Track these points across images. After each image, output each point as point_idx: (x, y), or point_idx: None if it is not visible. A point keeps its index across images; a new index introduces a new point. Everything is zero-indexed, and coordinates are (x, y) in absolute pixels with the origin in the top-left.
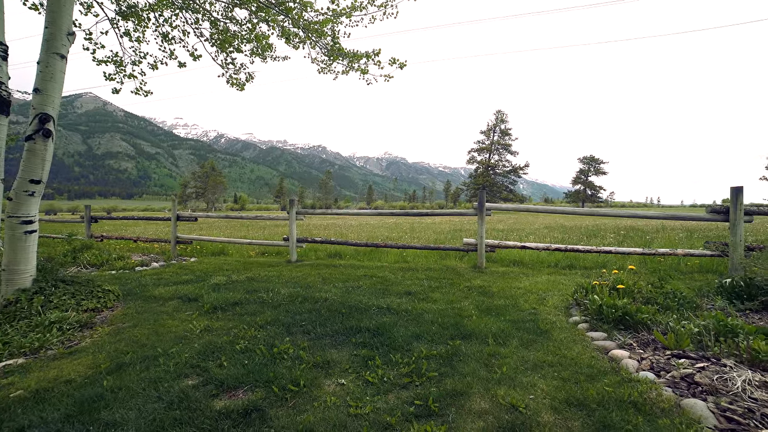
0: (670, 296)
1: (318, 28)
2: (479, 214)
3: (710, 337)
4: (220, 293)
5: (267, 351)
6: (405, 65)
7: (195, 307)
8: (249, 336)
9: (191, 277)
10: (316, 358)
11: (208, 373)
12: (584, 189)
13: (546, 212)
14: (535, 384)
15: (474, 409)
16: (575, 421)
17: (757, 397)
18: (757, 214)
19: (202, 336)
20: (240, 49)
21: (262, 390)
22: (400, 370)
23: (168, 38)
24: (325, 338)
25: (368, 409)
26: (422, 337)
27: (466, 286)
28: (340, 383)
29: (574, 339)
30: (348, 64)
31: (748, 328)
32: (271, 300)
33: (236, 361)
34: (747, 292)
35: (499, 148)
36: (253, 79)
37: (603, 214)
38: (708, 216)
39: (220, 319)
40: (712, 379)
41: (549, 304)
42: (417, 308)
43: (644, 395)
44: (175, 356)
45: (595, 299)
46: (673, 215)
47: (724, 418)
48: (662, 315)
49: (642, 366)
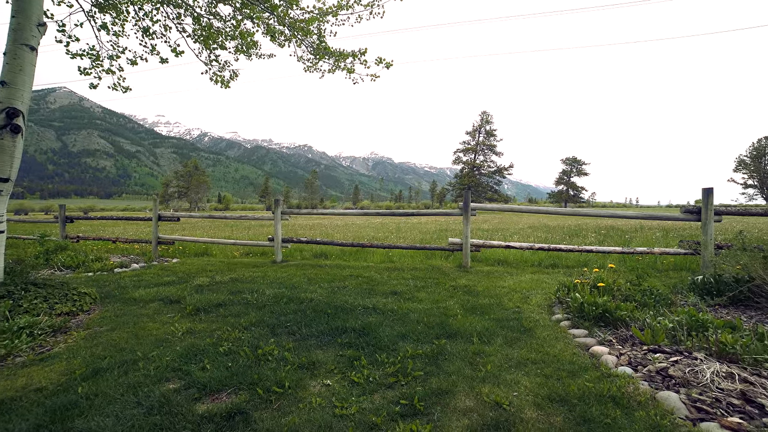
0: (647, 293)
1: (304, 27)
2: (464, 214)
3: (683, 331)
4: (204, 294)
5: (251, 353)
6: (391, 65)
7: (177, 309)
8: (233, 338)
9: (173, 279)
10: (302, 359)
11: (191, 376)
12: (567, 189)
13: (530, 212)
14: (518, 381)
15: (459, 407)
16: (557, 416)
17: (723, 387)
18: (725, 214)
19: (185, 338)
20: (224, 46)
21: (246, 392)
22: (385, 369)
23: (149, 33)
24: (310, 339)
25: (354, 409)
26: (408, 337)
27: (452, 286)
28: (326, 384)
29: (556, 336)
30: (334, 63)
31: (716, 323)
32: (256, 301)
33: (219, 364)
34: (716, 288)
35: (485, 149)
36: (237, 76)
37: (584, 214)
38: (682, 216)
39: (204, 321)
40: (684, 372)
41: (533, 303)
42: (403, 308)
43: (622, 389)
44: (156, 360)
45: (577, 297)
46: (650, 215)
47: (694, 408)
48: (640, 312)
49: (621, 361)
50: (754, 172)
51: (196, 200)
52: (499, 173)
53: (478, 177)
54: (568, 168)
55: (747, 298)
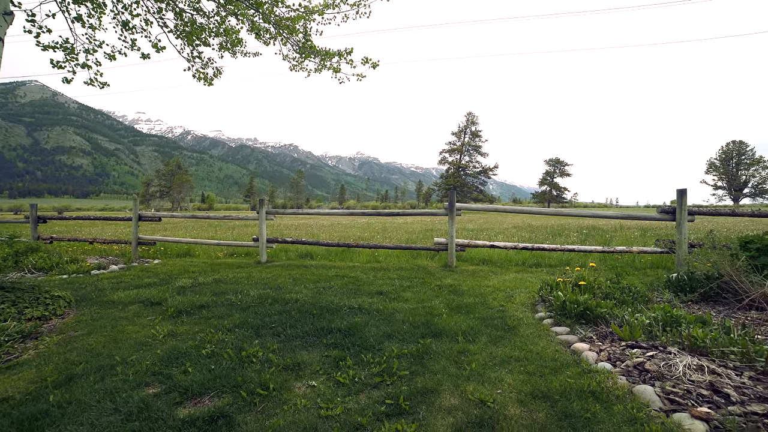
0: (626, 291)
1: (290, 25)
2: (450, 214)
3: (659, 327)
4: (186, 296)
5: (235, 355)
6: (378, 65)
7: (158, 311)
8: (216, 340)
9: (154, 280)
10: (286, 360)
11: (172, 380)
12: (550, 190)
13: (514, 212)
14: (502, 379)
15: (444, 405)
16: (539, 412)
17: (694, 380)
18: (698, 214)
19: (166, 341)
20: (207, 42)
21: (229, 395)
22: (371, 369)
23: (128, 27)
24: (295, 340)
25: (339, 410)
26: (393, 337)
27: (437, 285)
28: (311, 385)
29: (539, 334)
30: (320, 62)
31: (689, 318)
32: (240, 302)
33: (202, 367)
34: (689, 285)
35: (470, 150)
36: (221, 74)
37: (567, 214)
38: (659, 216)
39: (186, 323)
40: (659, 366)
41: (516, 301)
42: (388, 308)
43: (602, 384)
44: (135, 364)
45: (559, 296)
46: (629, 215)
47: (668, 400)
48: (619, 309)
49: (600, 357)
50: (723, 175)
51: (179, 200)
52: (484, 174)
53: (464, 177)
54: (552, 169)
55: (716, 293)
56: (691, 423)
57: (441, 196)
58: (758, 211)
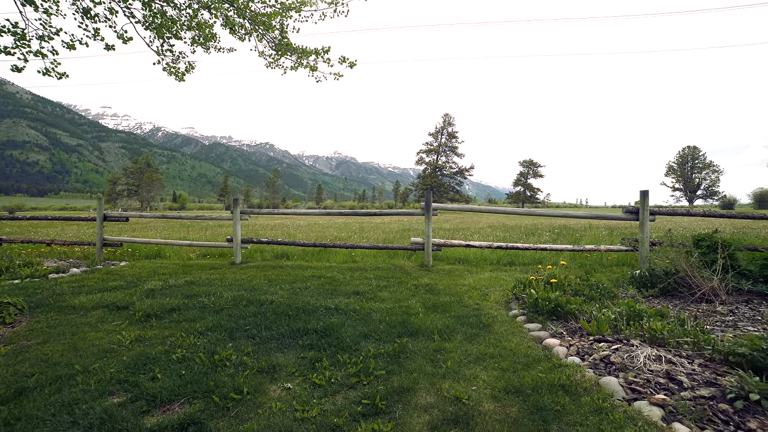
0: (594, 288)
1: (266, 21)
2: (426, 214)
3: (623, 321)
4: (155, 299)
5: (207, 359)
6: (355, 65)
7: (125, 315)
8: (187, 344)
9: (121, 283)
10: (261, 363)
11: (139, 387)
12: (524, 190)
13: (489, 212)
14: (477, 376)
15: (420, 403)
16: (512, 407)
17: (653, 369)
18: (658, 214)
19: (133, 347)
20: (179, 36)
21: (201, 401)
22: (347, 370)
23: (90, 15)
24: (270, 342)
25: (315, 411)
26: (370, 337)
27: (414, 285)
28: (287, 388)
29: (513, 331)
30: (297, 60)
31: (649, 312)
32: (213, 304)
33: (172, 372)
34: (651, 281)
35: (447, 150)
36: (193, 69)
37: (540, 213)
38: (624, 216)
39: (155, 328)
40: (623, 358)
41: (491, 299)
42: (365, 308)
43: (571, 378)
44: (98, 372)
45: (532, 293)
46: (597, 215)
47: (630, 390)
48: (587, 305)
49: (570, 352)
50: (680, 177)
51: (149, 199)
52: (460, 174)
53: (441, 177)
54: (525, 170)
55: (674, 288)
56: (649, 410)
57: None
58: (709, 211)
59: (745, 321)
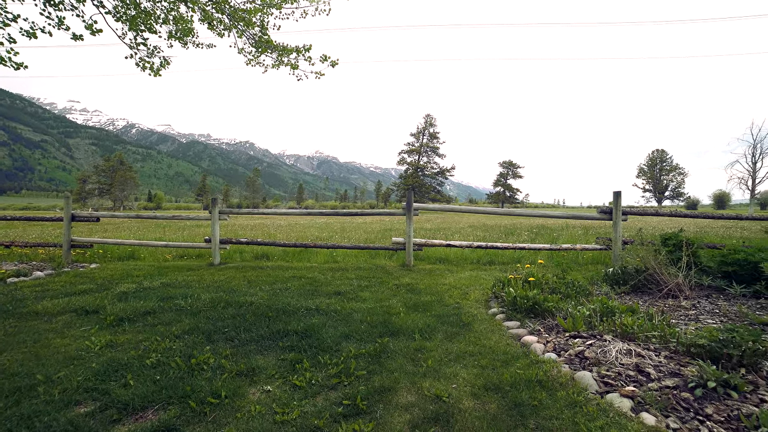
0: (570, 285)
1: (246, 17)
2: (407, 214)
3: (597, 318)
4: (129, 302)
5: (184, 363)
6: (337, 63)
7: (94, 320)
8: (162, 348)
9: (91, 287)
10: (240, 366)
11: (109, 395)
12: (504, 191)
13: (470, 212)
14: (457, 374)
15: (401, 403)
16: (492, 404)
17: (624, 362)
18: (630, 214)
19: (103, 353)
20: (154, 29)
21: (176, 407)
22: (328, 371)
23: (53, 2)
24: (250, 344)
25: (295, 414)
26: (351, 337)
27: (395, 284)
28: (266, 390)
29: (492, 329)
30: (277, 57)
31: (621, 308)
32: (190, 307)
33: (146, 378)
34: (623, 278)
35: (428, 151)
36: (169, 64)
37: (519, 213)
38: (598, 216)
39: (128, 332)
40: (596, 353)
41: (471, 298)
42: (346, 308)
43: (548, 373)
44: (63, 382)
45: (511, 292)
46: (574, 215)
47: (602, 383)
48: (564, 302)
49: (547, 348)
50: (650, 179)
51: (122, 198)
52: (441, 174)
53: (422, 178)
54: (505, 171)
55: (644, 285)
56: (620, 401)
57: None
58: (675, 211)
59: (706, 314)
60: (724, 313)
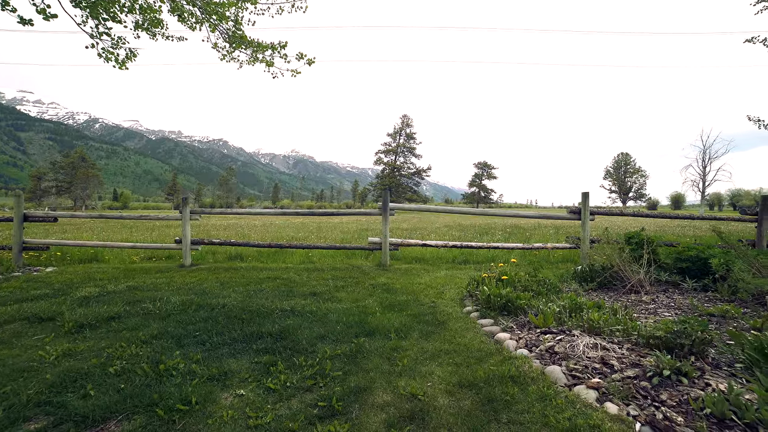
0: (541, 283)
1: (219, 11)
2: (383, 213)
3: (566, 314)
4: (90, 308)
5: (151, 369)
6: (313, 62)
7: (50, 328)
8: (128, 355)
9: (46, 291)
10: (212, 370)
11: (65, 408)
12: (479, 191)
13: (445, 212)
14: (432, 372)
15: (377, 402)
16: (466, 400)
17: (591, 356)
18: (598, 214)
19: (59, 363)
20: (118, 18)
21: (142, 416)
22: (303, 373)
23: None
24: (222, 347)
25: (269, 417)
26: (327, 338)
27: (371, 284)
28: (239, 394)
29: (467, 327)
30: (252, 54)
31: (589, 304)
32: (159, 310)
33: (108, 387)
34: (590, 275)
35: (405, 151)
36: (136, 56)
37: (493, 213)
38: (568, 216)
39: (89, 339)
40: (566, 348)
41: (446, 297)
42: (322, 309)
43: (520, 369)
44: (10, 397)
45: (485, 290)
46: (545, 215)
47: (571, 376)
48: (535, 299)
49: (519, 344)
50: (615, 180)
51: (84, 197)
52: (418, 174)
53: (399, 178)
54: (480, 171)
55: (610, 281)
56: (586, 393)
57: (377, 196)
58: (638, 211)
59: (663, 308)
60: (679, 306)
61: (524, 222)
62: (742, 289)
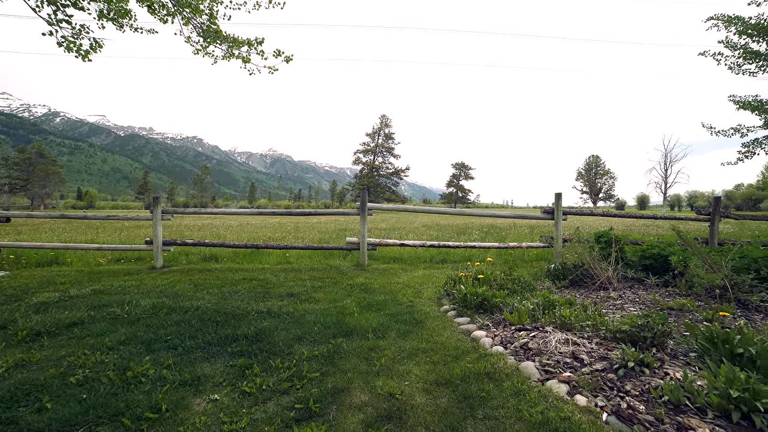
0: (516, 282)
1: (192, 3)
2: (362, 213)
3: (540, 311)
4: (49, 314)
5: (117, 377)
6: (291, 59)
7: (1, 338)
8: (92, 362)
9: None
10: (184, 375)
11: (16, 424)
12: (456, 191)
13: (424, 212)
14: (410, 371)
15: (354, 403)
16: (443, 398)
17: (562, 351)
18: (570, 214)
19: (10, 375)
20: (80, 6)
21: (107, 427)
22: (280, 375)
23: None
24: (195, 351)
25: (245, 422)
26: (304, 339)
27: (349, 284)
28: (213, 399)
29: (444, 326)
30: (227, 49)
31: (561, 301)
32: (128, 314)
33: (69, 398)
34: (563, 273)
35: (383, 151)
36: (102, 47)
37: (470, 213)
38: (542, 216)
39: (47, 348)
40: (539, 344)
41: (424, 296)
42: (299, 310)
43: (495, 366)
44: None
45: (461, 289)
46: (520, 215)
47: (543, 371)
48: (510, 297)
49: (495, 342)
50: (587, 182)
51: (42, 196)
52: (396, 175)
53: (377, 178)
54: (458, 172)
55: (580, 279)
56: (558, 387)
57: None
58: (607, 211)
59: (629, 303)
60: (643, 302)
61: (500, 222)
62: (697, 284)
